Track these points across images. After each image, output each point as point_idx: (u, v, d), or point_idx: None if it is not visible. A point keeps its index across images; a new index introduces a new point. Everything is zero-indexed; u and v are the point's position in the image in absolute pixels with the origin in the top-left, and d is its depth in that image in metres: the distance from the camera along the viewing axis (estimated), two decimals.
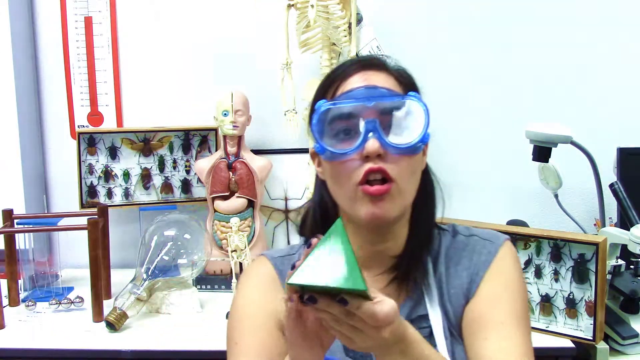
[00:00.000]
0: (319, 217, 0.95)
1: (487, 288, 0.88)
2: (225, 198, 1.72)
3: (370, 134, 0.82)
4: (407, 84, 0.90)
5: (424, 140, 0.85)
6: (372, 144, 0.81)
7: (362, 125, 0.83)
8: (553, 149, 1.52)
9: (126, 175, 1.83)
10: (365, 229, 0.87)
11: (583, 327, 1.28)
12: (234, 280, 1.52)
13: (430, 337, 0.87)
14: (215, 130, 1.81)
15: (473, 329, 0.86)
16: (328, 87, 0.89)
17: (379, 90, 0.85)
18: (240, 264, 1.51)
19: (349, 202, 0.85)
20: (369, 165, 0.82)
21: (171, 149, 1.85)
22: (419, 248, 0.91)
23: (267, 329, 0.88)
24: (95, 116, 1.89)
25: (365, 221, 0.84)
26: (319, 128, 0.86)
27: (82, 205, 1.77)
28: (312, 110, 0.89)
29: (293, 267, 0.68)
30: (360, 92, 0.85)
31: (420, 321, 0.88)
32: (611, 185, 1.50)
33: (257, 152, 1.79)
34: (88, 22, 1.86)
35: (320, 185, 0.94)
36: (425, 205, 0.92)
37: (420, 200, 0.90)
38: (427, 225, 0.93)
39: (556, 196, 1.68)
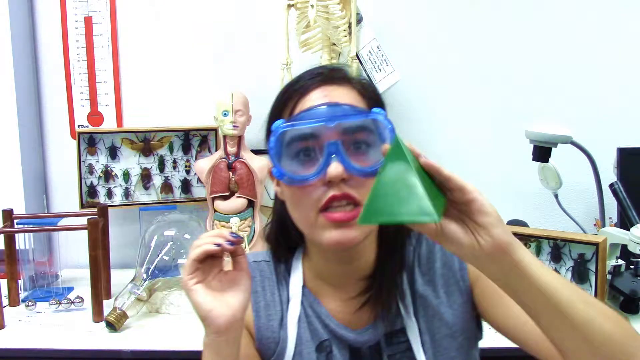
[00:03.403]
0: (281, 239, 0.93)
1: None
2: (225, 198, 1.72)
3: (333, 157, 0.76)
4: (371, 98, 0.85)
5: None
6: (335, 169, 0.75)
7: (323, 147, 0.77)
8: (553, 149, 1.52)
9: (126, 175, 1.83)
10: (329, 251, 0.84)
11: None
12: None
13: (409, 351, 0.86)
14: (215, 130, 1.81)
15: (491, 288, 0.83)
16: (285, 103, 0.83)
17: (341, 108, 0.79)
18: None
19: (310, 229, 0.81)
20: (332, 192, 0.77)
21: (171, 149, 1.85)
22: (390, 266, 0.87)
23: None
24: (95, 116, 1.89)
25: (328, 247, 0.79)
26: (276, 151, 0.80)
27: (82, 205, 1.77)
28: (269, 131, 0.82)
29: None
30: (320, 111, 0.78)
31: (398, 335, 0.87)
32: (611, 185, 1.50)
33: (257, 152, 1.79)
34: (88, 22, 1.86)
35: (281, 205, 0.89)
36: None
37: None
38: (397, 239, 0.89)
39: (556, 196, 1.68)
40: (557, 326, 0.67)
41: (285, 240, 0.93)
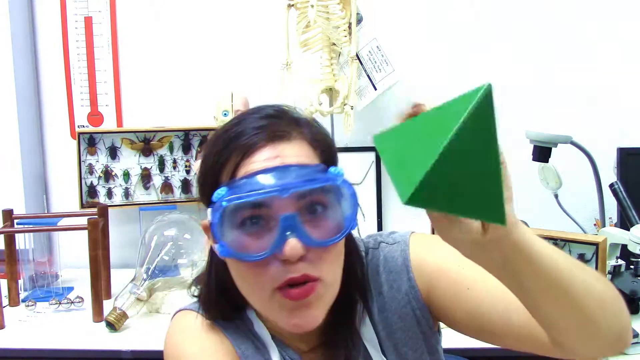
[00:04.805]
0: (224, 301, 0.78)
1: (428, 273, 0.79)
2: None
3: (288, 233, 0.65)
4: (323, 148, 0.74)
5: (353, 227, 0.70)
6: (293, 247, 0.65)
7: (276, 219, 0.66)
8: (553, 149, 1.52)
9: (126, 175, 1.83)
10: None
11: None
12: None
13: None
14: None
15: (450, 291, 0.76)
16: (227, 159, 0.70)
17: (294, 172, 0.67)
18: None
19: (263, 308, 0.72)
20: (290, 275, 0.66)
21: (171, 149, 1.85)
22: (348, 316, 0.78)
23: None
24: (95, 116, 1.89)
25: (288, 330, 0.71)
26: (220, 227, 0.68)
27: (82, 205, 1.77)
28: (205, 190, 0.72)
29: None
30: (270, 177, 0.66)
31: None
32: (611, 185, 1.50)
33: None
34: (88, 22, 1.86)
35: (217, 264, 0.77)
36: (350, 271, 0.78)
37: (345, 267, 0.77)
38: (354, 286, 0.79)
39: (556, 196, 1.68)
40: (556, 305, 0.59)
41: (231, 301, 0.78)
